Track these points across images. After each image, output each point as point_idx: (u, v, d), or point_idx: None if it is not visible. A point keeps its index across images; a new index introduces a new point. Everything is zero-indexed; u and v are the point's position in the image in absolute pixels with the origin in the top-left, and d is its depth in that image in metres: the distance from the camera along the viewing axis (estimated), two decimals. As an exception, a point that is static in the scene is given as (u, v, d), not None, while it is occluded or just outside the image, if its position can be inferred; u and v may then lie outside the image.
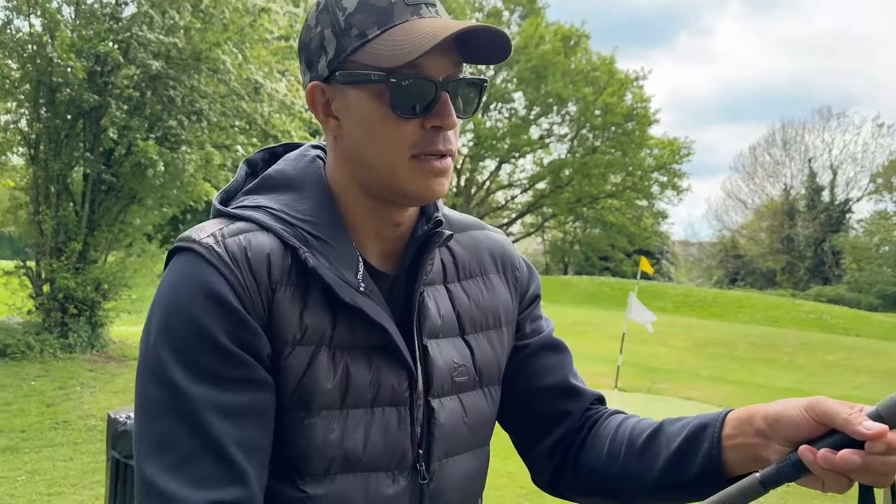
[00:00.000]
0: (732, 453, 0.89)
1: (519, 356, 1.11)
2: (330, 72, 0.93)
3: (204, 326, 0.84)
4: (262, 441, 0.87)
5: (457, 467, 1.01)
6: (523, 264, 1.16)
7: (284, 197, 0.96)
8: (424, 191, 0.92)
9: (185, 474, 0.81)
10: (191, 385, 0.83)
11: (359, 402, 0.92)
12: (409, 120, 0.89)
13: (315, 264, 0.89)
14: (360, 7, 0.90)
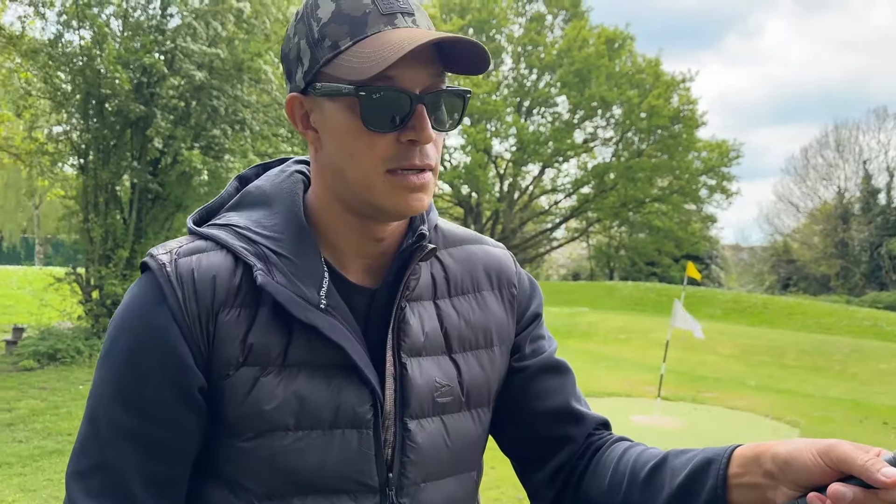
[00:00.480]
0: (738, 492, 0.83)
1: (518, 378, 1.05)
2: (306, 84, 0.90)
3: (139, 359, 0.87)
4: (168, 475, 0.89)
5: (437, 493, 0.96)
6: (524, 280, 1.11)
7: (256, 213, 0.95)
8: (401, 207, 0.89)
9: (86, 483, 0.87)
10: (114, 407, 0.88)
11: (315, 424, 0.89)
12: (384, 134, 0.86)
13: (264, 282, 0.87)
14: (333, 17, 0.87)
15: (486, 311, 1.04)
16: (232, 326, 0.88)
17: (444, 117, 0.91)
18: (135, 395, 0.87)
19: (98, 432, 0.88)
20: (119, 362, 0.88)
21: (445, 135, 0.94)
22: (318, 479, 0.89)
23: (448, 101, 0.90)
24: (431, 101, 0.87)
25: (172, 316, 0.87)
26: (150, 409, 0.87)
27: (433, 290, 1.01)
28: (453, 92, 0.90)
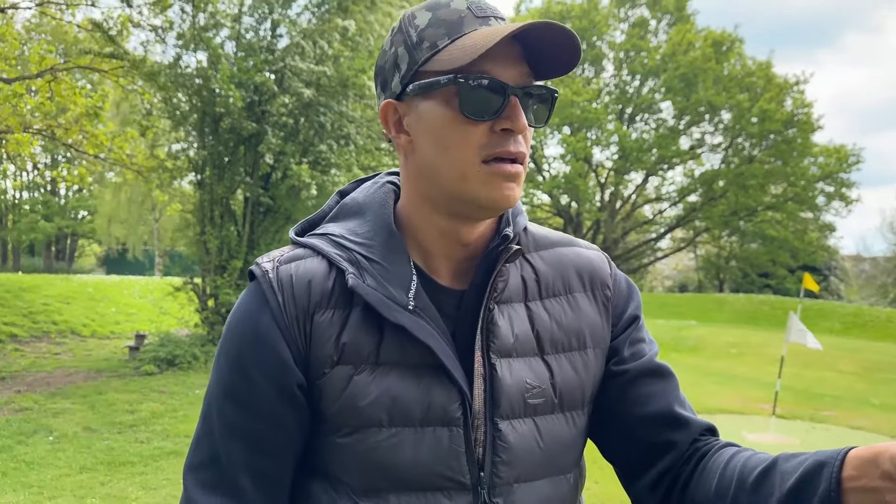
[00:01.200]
0: (853, 496, 0.76)
1: (617, 382, 1.03)
2: (403, 87, 0.94)
3: (245, 359, 0.94)
4: (273, 470, 0.94)
5: (531, 494, 0.95)
6: (621, 282, 1.08)
7: (350, 223, 1.00)
8: (495, 197, 0.90)
9: (199, 476, 0.94)
10: (224, 405, 0.95)
11: (407, 421, 0.91)
12: (479, 123, 0.89)
13: (355, 284, 0.91)
14: (431, 22, 0.92)
15: (578, 312, 1.03)
16: (326, 327, 0.93)
17: (536, 113, 0.93)
18: (242, 393, 0.93)
19: (211, 429, 0.95)
20: (228, 363, 0.95)
21: (533, 132, 0.96)
22: (412, 476, 0.91)
23: (538, 98, 0.93)
24: (523, 96, 0.90)
25: (273, 319, 0.92)
26: (255, 406, 0.93)
27: (524, 292, 1.00)
28: (543, 89, 0.93)
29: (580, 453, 1.03)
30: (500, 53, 0.88)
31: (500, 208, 0.93)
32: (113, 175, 28.13)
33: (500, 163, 0.90)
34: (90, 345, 12.51)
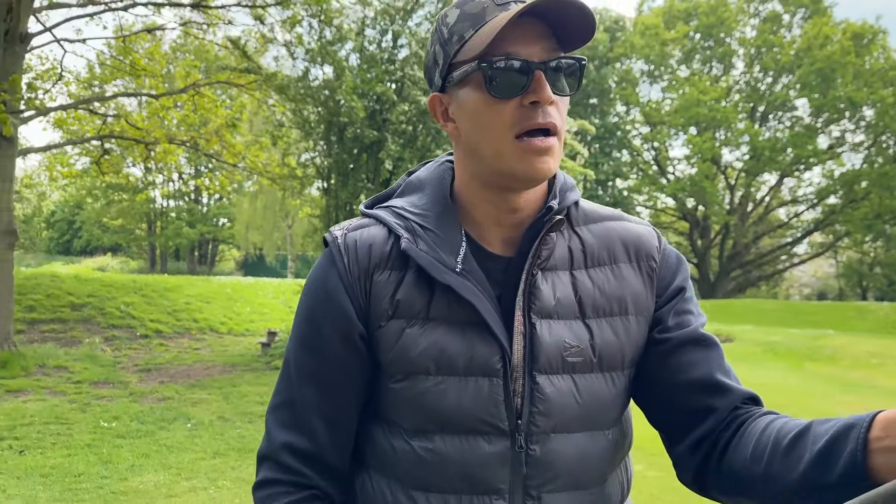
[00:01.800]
0: (880, 457, 0.79)
1: (661, 349, 1.08)
2: (443, 80, 1.05)
3: (316, 313, 1.07)
4: (340, 412, 1.07)
5: (567, 445, 1.03)
6: (669, 256, 1.13)
7: (412, 197, 1.12)
8: (529, 170, 0.99)
9: (278, 416, 1.09)
10: (299, 353, 1.08)
11: (452, 370, 1.01)
12: (507, 101, 0.98)
13: (407, 248, 1.03)
14: (459, 18, 1.02)
15: (621, 281, 1.09)
16: (383, 285, 1.04)
17: (563, 83, 1.00)
18: (314, 343, 1.07)
19: (289, 376, 1.09)
20: (303, 318, 1.09)
21: (568, 101, 1.04)
22: (456, 419, 1.01)
23: (565, 70, 1.00)
24: (549, 69, 0.98)
25: (339, 278, 1.05)
26: (324, 354, 1.06)
27: (570, 261, 1.08)
28: (569, 60, 1.00)
29: (620, 413, 1.09)
30: (521, 33, 0.96)
31: (535, 180, 1.01)
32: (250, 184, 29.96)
33: (531, 138, 0.98)
34: (226, 341, 13.43)
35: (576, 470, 1.03)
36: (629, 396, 1.11)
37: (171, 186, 40.17)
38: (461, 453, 1.00)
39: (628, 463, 1.15)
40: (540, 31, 0.98)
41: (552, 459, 1.01)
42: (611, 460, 1.08)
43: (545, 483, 1.01)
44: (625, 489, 1.13)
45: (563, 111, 1.02)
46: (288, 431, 1.07)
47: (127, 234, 41.35)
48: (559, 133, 1.00)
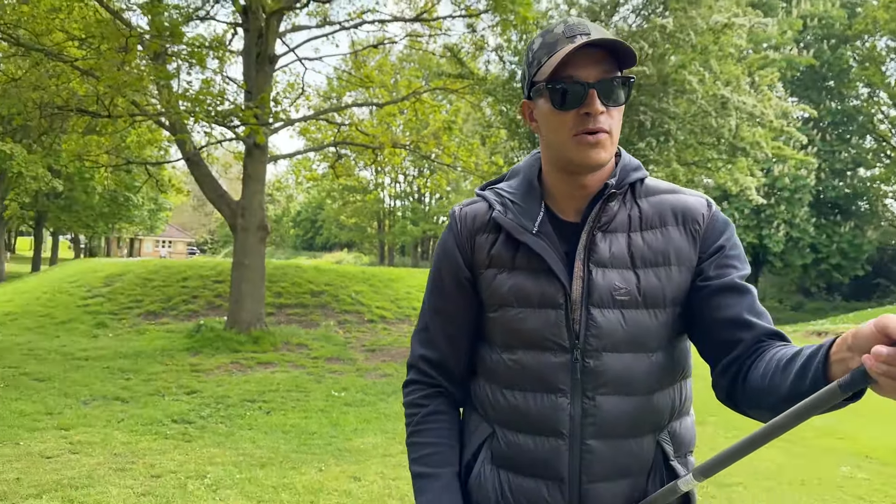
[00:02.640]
0: (835, 367, 1.04)
1: (702, 294, 1.34)
2: (528, 91, 1.41)
3: (440, 264, 1.51)
4: (457, 334, 1.49)
5: (614, 360, 1.33)
6: (715, 221, 1.39)
7: (511, 181, 1.50)
8: (584, 159, 1.32)
9: (418, 337, 1.55)
10: (429, 293, 1.54)
11: (528, 304, 1.37)
12: (567, 112, 1.31)
13: (496, 216, 1.41)
14: (540, 45, 1.36)
15: (667, 239, 1.37)
16: (483, 244, 1.43)
17: (614, 96, 1.31)
18: (438, 286, 1.50)
19: (424, 310, 1.53)
20: (432, 268, 1.52)
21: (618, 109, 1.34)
22: (531, 338, 1.36)
23: (614, 85, 1.30)
24: (602, 87, 1.29)
25: (454, 239, 1.47)
26: (444, 293, 1.49)
27: (628, 225, 1.38)
28: (618, 79, 1.31)
29: (664, 341, 1.37)
30: (581, 60, 1.28)
31: (589, 167, 1.34)
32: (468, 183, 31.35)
33: (584, 136, 1.30)
34: (442, 329, 14.35)
35: (622, 380, 1.33)
36: (675, 330, 1.38)
37: (397, 187, 43.17)
38: (535, 363, 1.36)
39: (684, 389, 1.42)
40: (597, 56, 1.30)
41: (602, 370, 1.33)
42: (657, 378, 1.36)
43: (597, 387, 1.33)
44: (676, 408, 1.40)
45: (615, 115, 1.33)
46: (423, 347, 1.52)
47: (360, 232, 45.20)
48: (610, 132, 1.32)
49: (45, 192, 24.98)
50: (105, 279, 15.69)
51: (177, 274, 15.54)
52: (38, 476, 5.26)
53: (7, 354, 10.08)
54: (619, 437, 1.33)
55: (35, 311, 14.06)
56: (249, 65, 12.03)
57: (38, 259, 32.85)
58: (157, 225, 40.04)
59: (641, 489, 1.34)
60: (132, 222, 35.81)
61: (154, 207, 36.16)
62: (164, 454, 6.04)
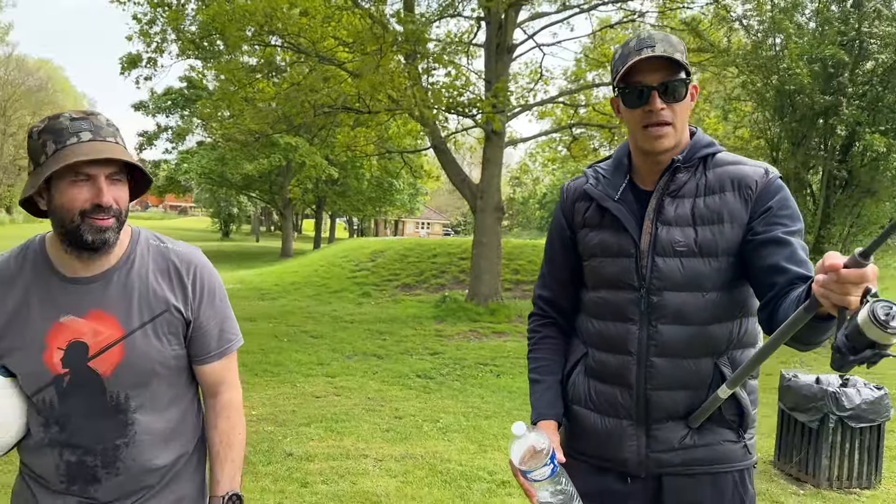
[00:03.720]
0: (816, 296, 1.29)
1: (750, 246, 1.63)
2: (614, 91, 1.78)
3: (551, 226, 1.95)
4: (564, 277, 1.91)
5: (673, 297, 1.67)
6: (769, 187, 1.67)
7: (609, 160, 1.88)
8: (651, 147, 1.68)
9: (537, 282, 1.99)
10: (545, 248, 1.97)
11: (608, 254, 1.75)
12: (635, 109, 1.67)
13: (587, 187, 1.82)
14: (618, 55, 1.70)
15: (724, 202, 1.67)
16: (579, 210, 1.84)
17: (674, 93, 1.64)
18: (550, 242, 1.93)
19: (543, 261, 1.97)
20: (548, 230, 1.96)
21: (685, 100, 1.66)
22: (611, 280, 1.75)
23: (673, 86, 1.64)
24: (663, 87, 1.64)
25: (561, 207, 1.90)
26: (554, 248, 1.91)
27: (694, 191, 1.70)
28: (676, 80, 1.64)
29: (718, 283, 1.67)
30: (646, 66, 1.62)
31: (655, 151, 1.69)
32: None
33: (649, 128, 1.65)
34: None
35: (679, 313, 1.70)
36: (730, 276, 1.69)
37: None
38: (613, 299, 1.78)
39: (745, 325, 1.73)
40: (659, 65, 1.66)
41: (663, 305, 1.71)
42: (711, 313, 1.69)
43: (659, 318, 1.72)
44: (734, 339, 1.71)
45: (677, 109, 1.67)
46: (540, 289, 1.99)
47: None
48: (672, 123, 1.66)
49: (324, 179, 28.46)
50: (370, 255, 17.74)
51: (428, 251, 17.09)
52: (308, 410, 6.51)
53: (291, 316, 12.05)
54: (677, 356, 1.70)
55: (314, 282, 16.41)
56: (490, 56, 12.89)
57: (318, 238, 37.48)
58: (416, 208, 43.41)
59: (701, 400, 1.70)
60: (395, 206, 39.28)
61: (413, 192, 39.22)
62: (407, 401, 7.07)
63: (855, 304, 1.17)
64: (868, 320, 1.13)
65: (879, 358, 1.17)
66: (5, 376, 1.51)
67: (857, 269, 1.17)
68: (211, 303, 1.65)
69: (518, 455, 1.57)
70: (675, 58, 1.63)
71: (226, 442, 1.67)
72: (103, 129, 1.49)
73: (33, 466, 1.58)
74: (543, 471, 1.55)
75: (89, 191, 1.45)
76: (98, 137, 1.47)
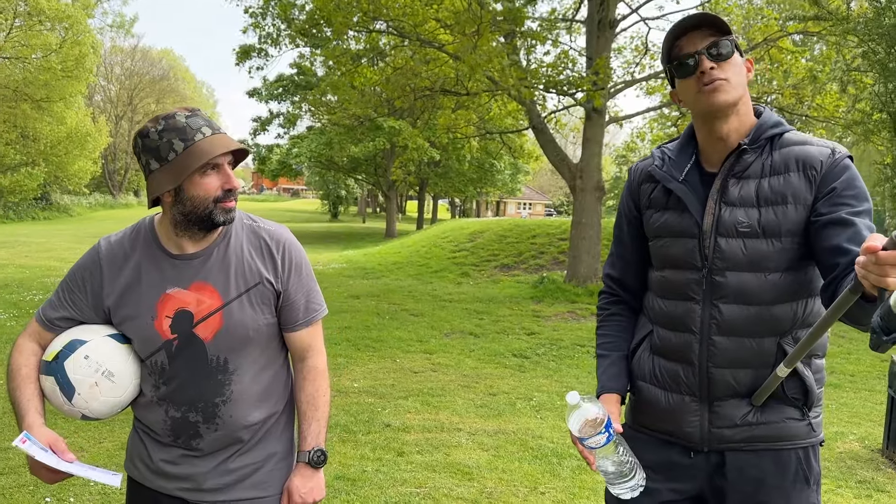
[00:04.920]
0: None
1: (815, 226, 1.63)
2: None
3: (620, 207, 1.99)
4: (630, 256, 1.96)
5: (735, 278, 1.70)
6: (834, 168, 1.66)
7: (676, 141, 1.90)
8: (710, 104, 1.69)
9: (607, 262, 2.04)
10: (614, 228, 2.02)
11: (673, 234, 1.78)
12: (689, 78, 1.71)
13: (652, 169, 1.85)
14: (663, 41, 1.77)
15: (788, 184, 1.67)
16: (645, 190, 1.87)
17: (722, 51, 1.68)
18: (618, 223, 1.98)
19: (613, 241, 2.02)
20: (617, 211, 2.01)
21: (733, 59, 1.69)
22: (675, 260, 1.77)
23: (718, 47, 1.68)
24: (706, 50, 1.67)
25: (628, 188, 1.94)
26: (622, 229, 1.96)
27: (760, 172, 1.70)
28: (718, 42, 1.68)
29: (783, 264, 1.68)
30: (687, 39, 1.68)
31: (715, 106, 1.69)
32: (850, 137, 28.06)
33: (703, 87, 1.67)
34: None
35: (740, 293, 1.72)
36: (794, 256, 1.70)
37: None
38: (677, 278, 1.81)
39: (810, 305, 1.73)
40: (701, 33, 1.70)
41: (725, 284, 1.73)
42: (774, 293, 1.70)
43: (721, 298, 1.74)
44: (798, 319, 1.71)
45: (727, 68, 1.69)
46: (609, 269, 2.04)
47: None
48: (726, 79, 1.68)
49: (426, 161, 28.89)
50: (470, 236, 17.92)
51: (527, 232, 17.09)
52: (407, 384, 6.76)
53: (392, 294, 12.41)
54: (739, 335, 1.72)
55: (415, 262, 16.77)
56: (591, 32, 12.68)
57: (421, 219, 38.12)
58: (517, 188, 43.32)
59: (764, 378, 1.72)
60: (496, 186, 39.33)
61: (513, 171, 39.13)
62: (502, 379, 7.20)
63: (893, 284, 1.19)
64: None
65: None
66: (122, 342, 1.73)
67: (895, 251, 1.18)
68: (298, 276, 1.81)
69: (576, 424, 1.64)
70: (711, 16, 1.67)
71: (312, 403, 1.84)
72: (213, 123, 1.68)
73: (144, 421, 1.80)
74: (598, 438, 1.62)
75: (218, 178, 1.65)
76: (217, 131, 1.67)
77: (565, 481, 4.45)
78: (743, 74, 1.73)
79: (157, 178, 1.64)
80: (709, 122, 1.75)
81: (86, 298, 1.74)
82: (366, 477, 4.36)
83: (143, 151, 1.65)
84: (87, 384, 1.65)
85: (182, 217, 1.68)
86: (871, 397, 7.18)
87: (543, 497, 4.19)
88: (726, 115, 1.72)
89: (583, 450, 1.68)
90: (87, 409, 1.68)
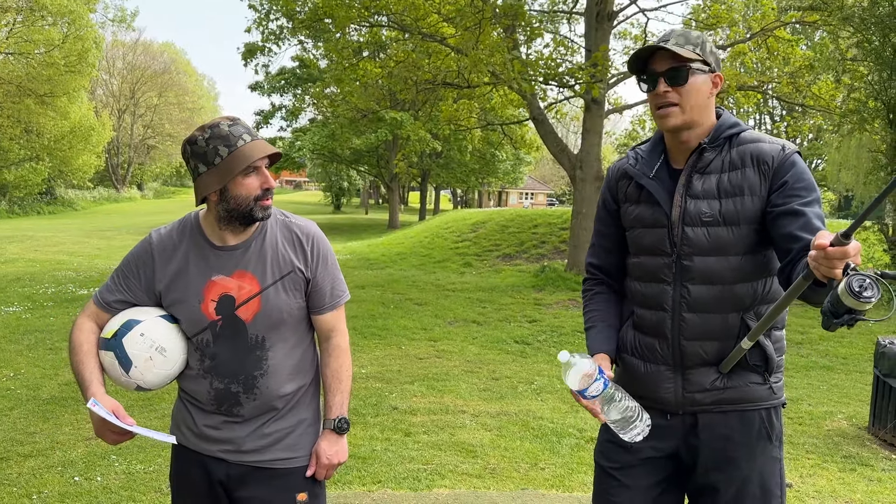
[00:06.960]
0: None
1: (770, 216, 1.83)
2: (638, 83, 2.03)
3: (599, 201, 2.16)
4: (610, 245, 2.12)
5: (701, 262, 1.89)
6: (785, 162, 1.86)
7: (648, 142, 2.11)
8: (661, 125, 1.92)
9: (588, 251, 2.22)
10: (595, 220, 2.19)
11: (645, 225, 1.97)
12: (650, 93, 1.90)
13: (626, 167, 2.04)
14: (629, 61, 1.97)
15: (743, 178, 1.87)
16: (622, 186, 2.05)
17: (676, 79, 1.86)
18: (599, 216, 2.14)
19: (594, 232, 2.23)
20: (597, 204, 2.23)
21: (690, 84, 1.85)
22: (647, 247, 1.96)
23: (675, 72, 1.85)
24: (667, 74, 1.86)
25: (607, 184, 2.11)
26: (602, 219, 2.13)
27: (720, 168, 1.89)
28: (678, 67, 1.85)
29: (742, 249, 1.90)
30: (656, 58, 1.85)
31: (664, 127, 1.93)
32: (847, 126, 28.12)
33: (658, 109, 1.88)
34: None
35: (706, 274, 1.94)
36: (752, 242, 1.92)
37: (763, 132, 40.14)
38: (651, 263, 2.03)
39: (769, 284, 1.95)
40: (668, 54, 1.89)
41: (692, 267, 1.95)
42: (736, 274, 1.92)
43: (689, 279, 1.96)
44: (759, 296, 1.92)
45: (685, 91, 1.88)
46: (591, 257, 2.23)
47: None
48: (678, 104, 1.89)
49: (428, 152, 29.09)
50: (472, 226, 18.16)
51: (529, 222, 17.32)
52: (412, 370, 7.01)
53: (396, 284, 12.67)
54: (706, 312, 1.95)
55: (419, 252, 17.02)
56: (590, 24, 12.86)
57: (423, 210, 38.36)
58: (519, 178, 43.48)
59: (730, 349, 1.94)
60: (497, 176, 39.51)
61: (515, 161, 39.29)
62: (504, 365, 7.45)
63: (839, 276, 1.41)
64: (845, 291, 1.38)
65: (855, 321, 1.42)
66: (171, 322, 1.98)
67: (840, 247, 1.40)
68: (325, 265, 2.05)
69: (574, 379, 1.84)
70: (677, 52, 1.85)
71: (336, 377, 2.08)
72: (252, 130, 1.92)
73: (190, 392, 2.04)
74: (596, 385, 1.83)
75: (257, 179, 1.89)
76: (255, 137, 1.91)
77: (564, 458, 4.70)
78: (703, 95, 1.91)
79: (204, 180, 1.88)
80: (671, 133, 1.98)
81: (139, 283, 1.99)
82: (375, 455, 4.62)
83: (191, 157, 1.89)
84: (143, 358, 1.89)
85: (226, 213, 1.91)
86: (861, 378, 7.42)
87: (543, 472, 4.44)
88: (679, 132, 1.95)
89: (588, 404, 1.89)
90: (142, 381, 1.92)
